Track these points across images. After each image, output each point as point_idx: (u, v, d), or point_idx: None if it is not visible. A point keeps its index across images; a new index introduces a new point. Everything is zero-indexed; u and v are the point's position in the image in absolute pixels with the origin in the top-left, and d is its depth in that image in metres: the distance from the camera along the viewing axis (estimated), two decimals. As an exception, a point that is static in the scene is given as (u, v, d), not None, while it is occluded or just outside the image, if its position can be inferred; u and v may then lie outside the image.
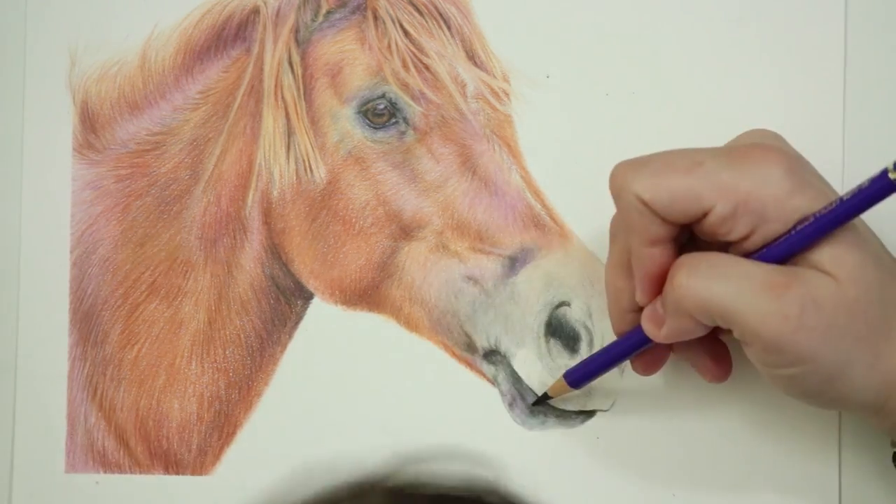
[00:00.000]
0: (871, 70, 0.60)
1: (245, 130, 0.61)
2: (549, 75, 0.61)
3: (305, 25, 0.61)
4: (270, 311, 0.61)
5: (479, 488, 0.58)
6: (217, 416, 0.61)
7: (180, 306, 0.62)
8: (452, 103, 0.60)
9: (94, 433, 0.61)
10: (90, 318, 0.62)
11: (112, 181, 0.62)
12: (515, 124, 0.61)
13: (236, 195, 0.61)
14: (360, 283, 0.61)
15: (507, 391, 0.60)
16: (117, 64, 0.62)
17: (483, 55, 0.61)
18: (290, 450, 0.61)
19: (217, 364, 0.61)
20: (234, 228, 0.61)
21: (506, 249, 0.59)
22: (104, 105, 0.62)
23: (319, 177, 0.61)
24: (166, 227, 0.62)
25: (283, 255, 0.61)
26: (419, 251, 0.60)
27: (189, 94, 0.62)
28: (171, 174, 0.62)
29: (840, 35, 0.60)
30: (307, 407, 0.61)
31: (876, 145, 0.60)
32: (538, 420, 0.60)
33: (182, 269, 0.62)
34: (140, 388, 0.61)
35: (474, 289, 0.59)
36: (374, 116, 0.60)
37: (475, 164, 0.60)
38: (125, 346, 0.62)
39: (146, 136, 0.62)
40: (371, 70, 0.60)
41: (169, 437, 0.61)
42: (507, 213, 0.60)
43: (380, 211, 0.60)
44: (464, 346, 0.60)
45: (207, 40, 0.62)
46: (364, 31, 0.61)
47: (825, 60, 0.60)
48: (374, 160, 0.61)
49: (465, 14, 0.61)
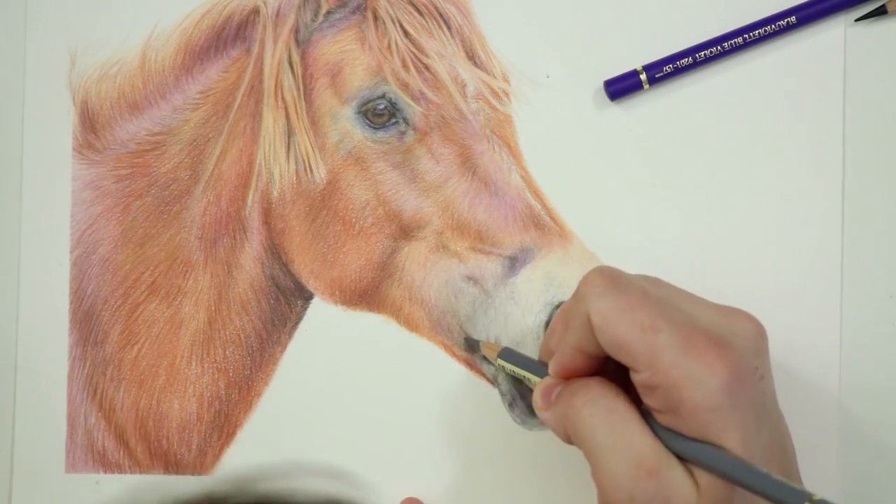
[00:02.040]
0: (871, 73, 0.60)
1: (245, 130, 0.61)
2: (549, 75, 0.61)
3: (305, 25, 0.61)
4: (270, 311, 0.61)
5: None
6: (217, 416, 0.61)
7: (180, 306, 0.62)
8: (452, 103, 0.60)
9: (94, 433, 0.61)
10: (90, 318, 0.62)
11: (112, 181, 0.62)
12: (515, 124, 0.61)
13: (236, 195, 0.61)
14: (360, 283, 0.61)
15: (507, 391, 0.60)
16: (117, 64, 0.62)
17: (483, 55, 0.61)
18: (290, 450, 0.61)
19: (217, 364, 0.61)
20: (234, 228, 0.61)
21: (506, 249, 0.59)
22: (104, 105, 0.62)
23: (319, 177, 0.61)
24: (166, 227, 0.62)
25: (283, 255, 0.61)
26: (419, 251, 0.60)
27: (189, 94, 0.62)
28: (171, 174, 0.62)
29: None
30: (307, 407, 0.61)
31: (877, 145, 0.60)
32: (538, 420, 0.60)
33: (182, 269, 0.62)
34: (140, 388, 0.61)
35: (474, 289, 0.59)
36: (374, 116, 0.60)
37: (475, 164, 0.60)
38: (125, 346, 0.62)
39: (146, 136, 0.62)
40: (371, 70, 0.60)
41: (169, 437, 0.61)
42: (507, 213, 0.60)
43: (380, 211, 0.60)
44: (464, 346, 0.60)
45: (207, 40, 0.62)
46: (364, 31, 0.61)
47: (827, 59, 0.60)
48: (374, 160, 0.61)
49: (465, 14, 0.61)
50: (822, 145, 0.60)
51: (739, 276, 0.60)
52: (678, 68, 0.60)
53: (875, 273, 0.60)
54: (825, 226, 0.60)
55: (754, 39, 0.60)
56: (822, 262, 0.60)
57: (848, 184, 0.60)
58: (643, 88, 0.60)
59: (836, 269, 0.60)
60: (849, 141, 0.60)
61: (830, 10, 0.60)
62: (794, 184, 0.60)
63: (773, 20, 0.60)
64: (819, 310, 0.59)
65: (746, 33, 0.60)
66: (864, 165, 0.60)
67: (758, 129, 0.60)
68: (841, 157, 0.60)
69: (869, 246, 0.60)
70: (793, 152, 0.60)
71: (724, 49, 0.60)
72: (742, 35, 0.60)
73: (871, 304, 0.60)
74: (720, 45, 0.60)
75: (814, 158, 0.60)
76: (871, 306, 0.60)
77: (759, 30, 0.60)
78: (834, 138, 0.60)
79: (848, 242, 0.60)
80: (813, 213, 0.60)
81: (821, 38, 0.60)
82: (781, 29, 0.60)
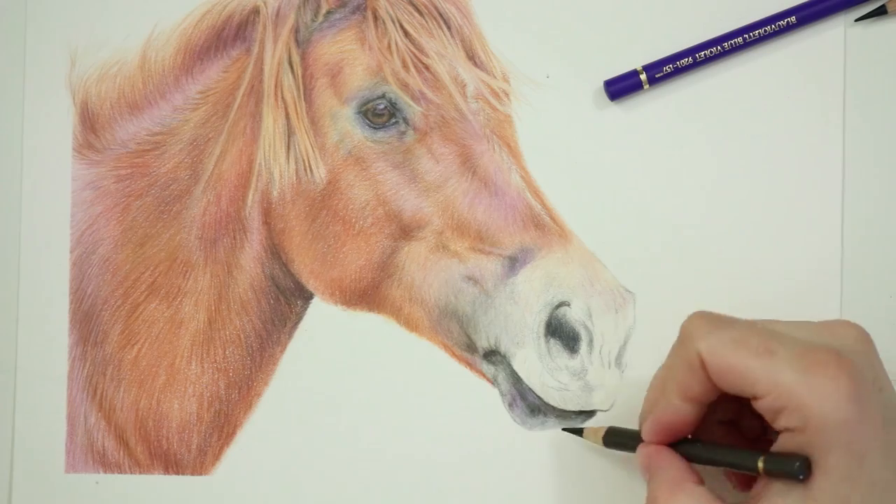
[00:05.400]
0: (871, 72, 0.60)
1: (245, 130, 0.61)
2: (549, 75, 0.61)
3: (305, 25, 0.61)
4: (270, 311, 0.61)
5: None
6: (217, 416, 0.61)
7: (180, 306, 0.61)
8: (452, 103, 0.60)
9: (94, 433, 0.61)
10: (90, 318, 0.62)
11: (112, 181, 0.62)
12: (515, 124, 0.61)
13: (236, 195, 0.61)
14: (359, 283, 0.61)
15: (507, 391, 0.60)
16: (117, 64, 0.62)
17: (483, 55, 0.61)
18: (289, 450, 0.61)
19: (217, 364, 0.61)
20: (234, 228, 0.61)
21: (506, 249, 0.59)
22: (104, 105, 0.62)
23: (319, 177, 0.61)
24: (166, 227, 0.62)
25: (283, 255, 0.61)
26: (419, 251, 0.60)
27: (189, 94, 0.62)
28: (171, 174, 0.62)
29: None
30: (307, 407, 0.61)
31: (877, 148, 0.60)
32: (538, 420, 0.60)
33: (182, 269, 0.62)
34: (140, 388, 0.61)
35: (474, 289, 0.59)
36: (374, 116, 0.60)
37: (475, 164, 0.60)
38: (125, 346, 0.61)
39: (146, 136, 0.62)
40: (371, 70, 0.60)
41: (169, 437, 0.61)
42: (507, 213, 0.60)
43: (380, 211, 0.60)
44: (464, 346, 0.60)
45: (207, 40, 0.62)
46: (364, 31, 0.61)
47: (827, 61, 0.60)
48: (374, 160, 0.60)
49: (465, 14, 0.61)
50: (822, 145, 0.60)
51: (739, 276, 0.60)
52: (678, 68, 0.60)
53: (875, 273, 0.60)
54: (825, 226, 0.60)
55: (754, 39, 0.60)
56: (822, 262, 0.60)
57: (848, 184, 0.60)
58: (643, 88, 0.60)
59: (836, 269, 0.60)
60: (849, 141, 0.60)
61: (830, 10, 0.60)
62: (794, 184, 0.60)
63: (773, 20, 0.60)
64: (819, 310, 0.59)
65: (746, 33, 0.60)
66: (864, 165, 0.60)
67: (758, 129, 0.60)
68: (841, 157, 0.60)
69: (869, 246, 0.60)
70: (793, 152, 0.60)
71: (724, 49, 0.60)
72: (742, 35, 0.60)
73: (871, 304, 0.60)
74: (720, 45, 0.60)
75: (814, 158, 0.60)
76: (871, 306, 0.60)
77: (759, 30, 0.59)
78: (834, 138, 0.60)
79: (848, 242, 0.60)
80: (813, 213, 0.60)
81: (821, 38, 0.60)
82: (781, 29, 0.60)
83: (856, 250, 0.60)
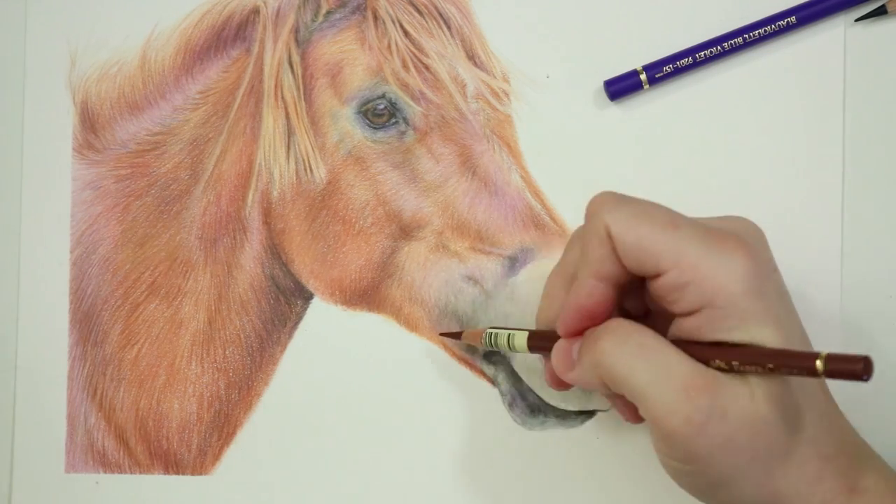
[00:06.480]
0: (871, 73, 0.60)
1: (245, 130, 0.61)
2: (549, 75, 0.61)
3: (305, 25, 0.61)
4: (270, 311, 0.61)
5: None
6: (217, 416, 0.61)
7: (180, 306, 0.62)
8: (452, 103, 0.60)
9: (94, 433, 0.61)
10: (90, 318, 0.62)
11: (112, 181, 0.62)
12: (515, 124, 0.61)
13: (236, 195, 0.61)
14: (360, 283, 0.61)
15: (507, 391, 0.60)
16: (117, 64, 0.62)
17: (483, 55, 0.61)
18: (289, 450, 0.61)
19: (217, 364, 0.61)
20: (234, 228, 0.61)
21: (506, 249, 0.59)
22: (104, 105, 0.62)
23: (319, 177, 0.61)
24: (166, 227, 0.62)
25: (283, 255, 0.61)
26: (419, 251, 0.60)
27: (189, 94, 0.62)
28: (171, 174, 0.62)
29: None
30: (307, 407, 0.61)
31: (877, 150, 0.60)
32: (538, 420, 0.60)
33: (182, 269, 0.62)
34: (140, 388, 0.61)
35: (474, 289, 0.59)
36: (374, 116, 0.60)
37: (475, 164, 0.60)
38: (125, 346, 0.62)
39: (146, 136, 0.62)
40: (371, 70, 0.60)
41: (169, 437, 0.61)
42: (507, 213, 0.60)
43: (380, 211, 0.60)
44: (464, 346, 0.60)
45: (207, 40, 0.62)
46: (364, 31, 0.61)
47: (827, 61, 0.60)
48: (374, 160, 0.61)
49: (465, 14, 0.61)
50: (822, 145, 0.60)
51: (739, 276, 0.60)
52: (678, 68, 0.60)
53: (875, 273, 0.60)
54: (825, 225, 0.60)
55: (754, 39, 0.60)
56: (822, 262, 0.60)
57: (848, 184, 0.60)
58: (643, 88, 0.60)
59: (836, 269, 0.60)
60: (849, 141, 0.60)
61: (830, 10, 0.60)
62: (794, 184, 0.60)
63: (773, 20, 0.60)
64: (819, 310, 0.59)
65: (746, 33, 0.60)
66: (864, 165, 0.60)
67: (758, 129, 0.60)
68: (841, 157, 0.60)
69: (869, 246, 0.60)
70: (793, 152, 0.60)
71: (724, 49, 0.60)
72: (742, 35, 0.60)
73: (871, 305, 0.60)
74: (720, 45, 0.60)
75: (814, 158, 0.60)
76: (871, 306, 0.60)
77: (759, 30, 0.60)
78: (834, 138, 0.60)
79: (848, 242, 0.60)
80: (813, 213, 0.60)
81: (821, 38, 0.60)
82: (781, 29, 0.60)
83: (856, 250, 0.60)
